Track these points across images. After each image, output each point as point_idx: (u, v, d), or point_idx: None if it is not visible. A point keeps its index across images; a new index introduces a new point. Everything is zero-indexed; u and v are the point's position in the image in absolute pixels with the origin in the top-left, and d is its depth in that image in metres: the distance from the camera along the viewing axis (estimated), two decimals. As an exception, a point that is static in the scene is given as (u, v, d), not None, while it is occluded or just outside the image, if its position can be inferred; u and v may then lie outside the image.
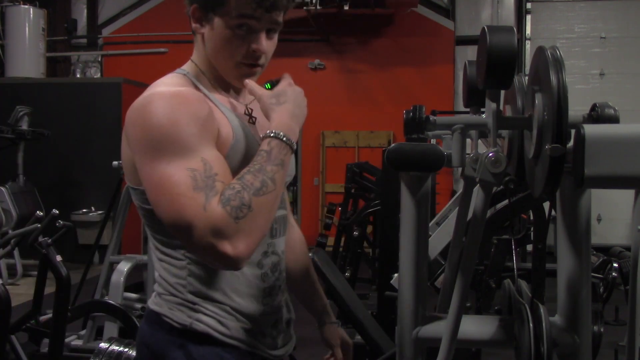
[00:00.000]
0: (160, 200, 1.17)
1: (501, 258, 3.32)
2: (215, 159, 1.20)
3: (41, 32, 9.01)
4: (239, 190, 1.14)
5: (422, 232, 1.28)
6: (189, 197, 1.13)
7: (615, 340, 3.80)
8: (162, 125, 1.18)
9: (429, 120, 1.24)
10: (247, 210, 1.13)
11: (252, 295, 1.34)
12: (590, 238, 1.26)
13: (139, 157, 1.22)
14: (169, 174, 1.16)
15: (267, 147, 1.21)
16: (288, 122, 1.25)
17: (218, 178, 1.16)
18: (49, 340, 3.17)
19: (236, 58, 1.30)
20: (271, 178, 1.18)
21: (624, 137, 1.02)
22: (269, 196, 1.17)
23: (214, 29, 1.29)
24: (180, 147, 1.17)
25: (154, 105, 1.20)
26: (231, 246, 1.12)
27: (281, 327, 1.41)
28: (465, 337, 1.28)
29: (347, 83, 9.37)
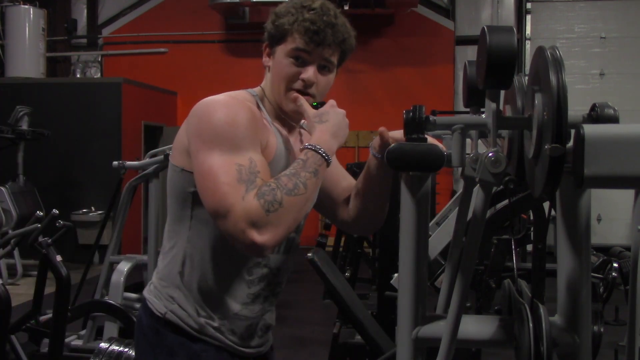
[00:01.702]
0: (208, 184, 1.34)
1: (501, 258, 3.32)
2: (260, 160, 1.38)
3: (41, 32, 9.02)
4: (274, 188, 1.32)
5: (422, 232, 1.28)
6: (232, 187, 1.30)
7: (615, 340, 3.80)
8: (223, 123, 1.37)
9: (429, 120, 1.24)
10: (278, 205, 1.30)
11: (233, 297, 1.49)
12: (590, 238, 1.26)
13: (195, 145, 1.39)
14: (220, 164, 1.33)
15: (304, 156, 1.39)
16: (326, 139, 1.42)
17: (259, 175, 1.34)
18: (49, 340, 3.17)
19: (288, 84, 1.49)
20: (304, 183, 1.35)
21: (624, 137, 1.02)
22: (300, 198, 1.34)
23: (275, 60, 1.51)
24: (234, 144, 1.35)
25: (220, 105, 1.40)
26: (259, 234, 1.28)
27: (255, 332, 1.56)
28: (465, 337, 1.28)
29: (347, 83, 9.37)
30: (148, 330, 1.51)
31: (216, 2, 8.99)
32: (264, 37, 1.55)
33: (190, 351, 1.47)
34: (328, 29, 1.48)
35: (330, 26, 1.49)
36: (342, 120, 1.48)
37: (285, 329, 5.07)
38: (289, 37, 1.48)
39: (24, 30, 8.90)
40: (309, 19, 1.47)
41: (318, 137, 1.42)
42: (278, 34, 1.50)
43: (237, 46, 9.45)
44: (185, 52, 9.43)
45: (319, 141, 1.41)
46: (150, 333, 1.50)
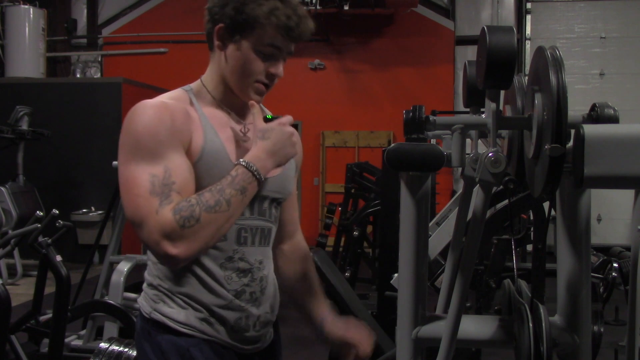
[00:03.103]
0: (124, 197, 1.35)
1: (501, 258, 3.32)
2: (178, 167, 1.35)
3: (41, 32, 9.02)
4: (193, 204, 1.32)
5: (422, 232, 1.28)
6: (145, 199, 1.31)
7: (615, 340, 3.81)
8: (137, 132, 1.35)
9: (429, 120, 1.24)
10: (195, 222, 1.31)
11: (212, 293, 1.46)
12: (590, 238, 1.26)
13: (119, 156, 1.38)
14: (134, 175, 1.33)
15: (234, 172, 1.37)
16: (262, 157, 1.40)
17: (175, 187, 1.33)
18: (49, 340, 3.17)
19: (254, 77, 1.44)
20: (227, 200, 1.34)
21: (624, 137, 1.02)
22: (220, 215, 1.34)
23: (239, 50, 1.43)
24: (148, 153, 1.34)
25: (138, 114, 1.37)
26: (173, 247, 1.30)
27: (247, 326, 1.51)
28: (465, 337, 1.28)
29: (347, 83, 9.37)
30: (141, 333, 1.50)
31: (216, 2, 8.96)
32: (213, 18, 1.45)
33: (179, 347, 1.44)
34: (302, 24, 1.43)
35: (304, 20, 1.44)
36: (285, 140, 1.44)
37: (285, 329, 5.04)
38: (259, 30, 1.41)
39: (24, 30, 8.90)
40: (285, 14, 1.41)
41: (254, 154, 1.40)
42: (246, 24, 1.41)
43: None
44: (185, 52, 9.43)
45: (253, 158, 1.39)
46: (143, 335, 1.49)
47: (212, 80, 1.50)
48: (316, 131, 9.29)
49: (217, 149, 1.42)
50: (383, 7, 8.52)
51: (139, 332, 1.51)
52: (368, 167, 6.30)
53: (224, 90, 1.49)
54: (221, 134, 1.45)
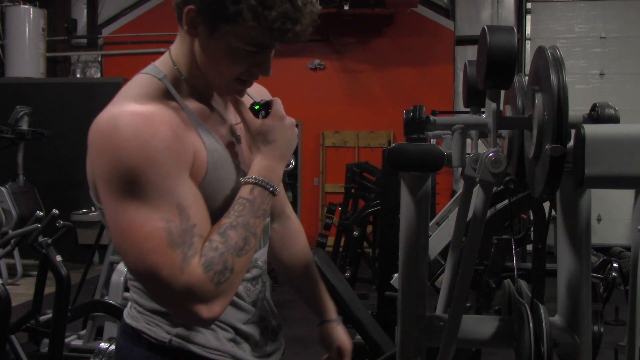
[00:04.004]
0: (129, 252, 1.04)
1: (501, 258, 3.32)
2: (193, 203, 1.08)
3: (41, 32, 9.01)
4: (223, 252, 1.07)
5: (422, 232, 1.28)
6: (164, 255, 1.02)
7: (615, 340, 3.80)
8: (133, 163, 1.03)
9: (429, 120, 1.24)
10: (230, 273, 1.07)
11: (236, 308, 1.26)
12: (590, 238, 1.26)
13: (104, 191, 1.07)
14: (140, 222, 1.03)
15: (250, 195, 1.13)
16: (273, 165, 1.18)
17: (196, 231, 1.06)
18: (49, 340, 3.17)
19: (235, 74, 1.17)
20: (254, 233, 1.12)
21: (624, 137, 1.02)
22: (250, 254, 1.12)
23: (215, 40, 1.12)
24: (152, 189, 1.03)
25: (123, 134, 1.04)
26: (207, 310, 1.06)
27: (268, 336, 1.36)
28: (465, 337, 1.28)
29: (347, 83, 9.37)
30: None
31: (216, 2, 8.97)
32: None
33: None
34: (299, 23, 1.14)
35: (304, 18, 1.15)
36: (290, 135, 1.22)
37: (285, 329, 5.04)
38: (242, 27, 1.09)
39: (24, 30, 8.89)
40: (281, 11, 1.09)
41: (265, 165, 1.16)
42: (225, 14, 1.08)
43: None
44: (185, 52, 9.42)
45: (265, 171, 1.16)
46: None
47: (185, 64, 1.20)
48: (316, 131, 9.28)
49: (222, 158, 1.18)
50: (383, 7, 8.51)
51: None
52: (368, 167, 6.30)
53: (202, 77, 1.20)
54: (218, 137, 1.20)
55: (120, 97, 1.14)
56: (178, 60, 1.22)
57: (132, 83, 1.18)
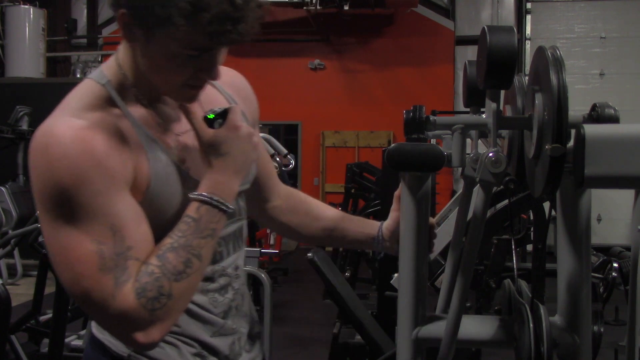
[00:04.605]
0: (63, 274, 1.01)
1: (501, 258, 3.32)
2: (129, 223, 1.01)
3: (41, 32, 9.02)
4: (158, 277, 1.00)
5: (422, 232, 1.28)
6: (95, 281, 0.98)
7: (615, 340, 3.80)
8: (63, 183, 0.98)
9: (429, 120, 1.24)
10: (166, 299, 1.00)
11: (201, 321, 1.20)
12: (590, 238, 1.26)
13: (39, 208, 1.02)
14: (72, 246, 0.99)
15: (196, 214, 1.05)
16: (225, 180, 1.07)
17: (131, 254, 1.00)
18: (49, 340, 3.17)
19: (180, 81, 1.07)
20: (197, 255, 1.03)
21: (624, 137, 1.02)
22: (193, 277, 1.03)
23: (154, 45, 1.03)
24: (84, 211, 0.98)
25: (54, 151, 0.99)
26: (144, 336, 1.00)
27: (239, 348, 1.28)
28: (465, 337, 1.28)
29: (347, 83, 9.37)
30: None
31: (216, 2, 8.98)
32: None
33: None
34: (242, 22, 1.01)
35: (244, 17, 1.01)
36: (246, 147, 1.10)
37: (285, 329, 5.07)
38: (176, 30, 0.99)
39: (24, 30, 8.90)
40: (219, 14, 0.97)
41: (214, 179, 1.06)
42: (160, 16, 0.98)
43: (237, 46, 9.42)
44: (185, 52, 9.42)
45: (216, 187, 1.06)
46: None
47: (131, 68, 1.10)
48: (316, 131, 9.29)
49: (168, 170, 1.09)
50: (383, 7, 8.52)
51: None
52: (368, 167, 6.30)
53: (149, 83, 1.10)
54: (166, 146, 1.11)
55: (60, 106, 1.08)
56: (124, 64, 1.11)
57: (75, 90, 1.11)
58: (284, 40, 9.19)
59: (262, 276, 3.86)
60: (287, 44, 9.26)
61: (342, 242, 1.48)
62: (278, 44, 9.21)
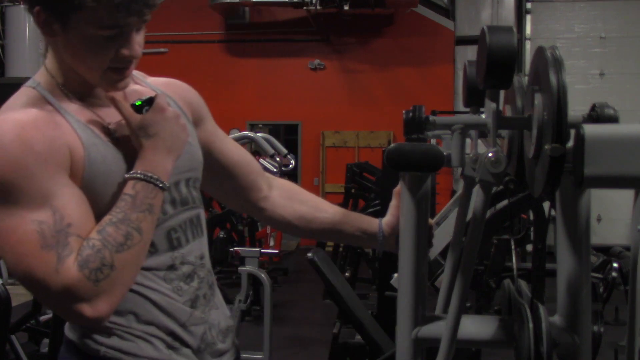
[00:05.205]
0: (7, 257, 1.04)
1: (501, 258, 3.32)
2: (68, 203, 1.05)
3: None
4: (99, 248, 1.04)
5: (422, 232, 1.28)
6: (37, 258, 1.01)
7: (615, 340, 3.80)
8: (1, 170, 1.03)
9: (429, 120, 1.24)
10: (109, 270, 1.04)
11: (168, 311, 1.21)
12: (590, 238, 1.26)
13: None
14: (12, 227, 1.03)
15: (132, 190, 1.10)
16: (158, 159, 1.13)
17: (72, 230, 1.04)
18: (49, 340, 3.17)
19: (103, 65, 1.12)
20: (137, 228, 1.07)
21: (624, 137, 1.02)
22: (134, 249, 1.07)
23: (71, 33, 1.09)
24: (24, 194, 1.03)
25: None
26: (90, 308, 1.03)
27: (211, 339, 1.29)
28: (465, 337, 1.28)
29: (347, 83, 9.38)
30: None
31: (216, 2, 9.00)
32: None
33: None
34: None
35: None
36: (174, 127, 1.16)
37: (285, 329, 5.07)
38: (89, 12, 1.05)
39: (24, 30, 8.89)
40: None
41: (147, 159, 1.12)
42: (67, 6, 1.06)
43: (237, 46, 9.45)
44: (185, 52, 9.42)
45: (148, 164, 1.12)
46: None
47: (59, 68, 1.17)
48: (316, 131, 9.29)
49: (103, 153, 1.14)
50: (383, 7, 8.52)
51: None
52: (368, 167, 6.31)
53: (77, 79, 1.17)
54: (99, 134, 1.16)
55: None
56: (51, 68, 1.19)
57: (10, 99, 1.16)
58: (284, 40, 9.20)
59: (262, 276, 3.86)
60: (287, 44, 9.26)
61: (340, 238, 1.50)
62: (278, 44, 9.22)
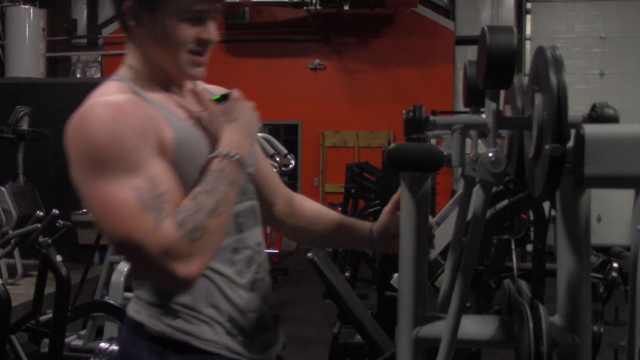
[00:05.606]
0: (105, 222, 1.12)
1: (501, 258, 3.32)
2: (161, 174, 1.16)
3: (41, 32, 9.02)
4: (194, 212, 1.12)
5: (422, 232, 1.28)
6: (136, 220, 1.09)
7: (615, 340, 3.80)
8: (101, 142, 1.13)
9: (429, 120, 1.24)
10: (202, 232, 1.12)
11: (230, 297, 1.30)
12: (590, 238, 1.26)
13: (79, 177, 1.16)
14: (112, 193, 1.11)
15: (219, 166, 1.20)
16: (238, 140, 1.25)
17: (166, 198, 1.13)
18: (49, 340, 3.17)
19: (186, 47, 1.25)
20: (224, 198, 1.17)
21: (624, 137, 1.02)
22: (223, 217, 1.17)
23: (159, 24, 1.23)
24: (122, 163, 1.12)
25: (91, 120, 1.15)
26: (184, 268, 1.10)
27: (264, 324, 1.38)
28: (465, 337, 1.28)
29: (347, 83, 9.37)
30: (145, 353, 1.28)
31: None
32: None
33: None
34: None
35: None
36: (251, 115, 1.30)
37: (285, 329, 5.05)
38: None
39: (24, 30, 8.90)
40: None
41: (229, 141, 1.24)
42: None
43: (237, 46, 9.44)
44: (185, 52, 9.41)
45: (231, 145, 1.23)
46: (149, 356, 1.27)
47: (140, 64, 1.30)
48: (316, 131, 9.29)
49: (190, 135, 1.26)
50: (383, 7, 8.52)
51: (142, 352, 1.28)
52: (368, 167, 6.30)
53: (159, 74, 1.30)
54: (184, 119, 1.28)
55: (87, 100, 1.23)
56: (134, 64, 1.30)
57: (96, 90, 1.26)
58: (284, 40, 9.20)
59: (262, 276, 3.85)
60: (287, 44, 9.26)
61: (338, 244, 1.60)
62: (278, 44, 9.21)
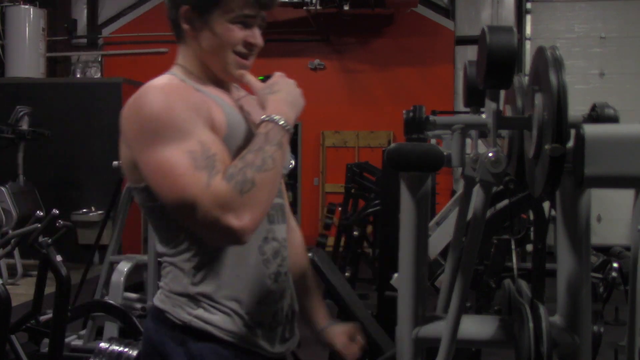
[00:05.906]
0: (162, 183, 1.21)
1: (501, 258, 3.32)
2: (212, 140, 1.25)
3: (41, 32, 9.01)
4: (242, 167, 1.20)
5: (422, 232, 1.28)
6: (191, 176, 1.19)
7: (615, 340, 3.80)
8: (156, 113, 1.24)
9: (429, 120, 1.24)
10: (251, 185, 1.19)
11: (255, 284, 1.36)
12: (590, 238, 1.26)
13: (136, 149, 1.26)
14: (167, 156, 1.21)
15: (264, 129, 1.27)
16: (282, 108, 1.31)
17: (217, 158, 1.22)
18: (49, 340, 3.17)
19: (234, 47, 1.36)
20: (271, 157, 1.23)
21: (624, 137, 1.02)
22: (270, 173, 1.23)
23: (210, 27, 1.35)
24: (175, 131, 1.22)
25: (147, 97, 1.27)
26: (237, 219, 1.17)
27: (281, 319, 1.42)
28: (465, 337, 1.28)
29: (347, 83, 9.37)
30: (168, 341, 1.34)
31: (216, 2, 8.98)
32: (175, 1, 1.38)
33: (223, 356, 1.33)
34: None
35: None
36: (294, 88, 1.38)
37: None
38: (227, 3, 1.33)
39: (24, 30, 8.89)
40: None
41: (273, 108, 1.30)
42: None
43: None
44: (185, 52, 9.41)
45: (275, 111, 1.29)
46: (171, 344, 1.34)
47: (191, 64, 1.41)
48: (316, 131, 9.28)
49: (238, 119, 1.37)
50: (383, 7, 8.51)
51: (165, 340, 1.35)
52: (368, 167, 6.30)
53: (208, 72, 1.41)
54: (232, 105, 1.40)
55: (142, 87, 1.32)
56: (185, 63, 1.41)
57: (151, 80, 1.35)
58: (284, 40, 9.19)
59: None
60: (287, 44, 9.25)
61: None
62: (278, 44, 9.20)
